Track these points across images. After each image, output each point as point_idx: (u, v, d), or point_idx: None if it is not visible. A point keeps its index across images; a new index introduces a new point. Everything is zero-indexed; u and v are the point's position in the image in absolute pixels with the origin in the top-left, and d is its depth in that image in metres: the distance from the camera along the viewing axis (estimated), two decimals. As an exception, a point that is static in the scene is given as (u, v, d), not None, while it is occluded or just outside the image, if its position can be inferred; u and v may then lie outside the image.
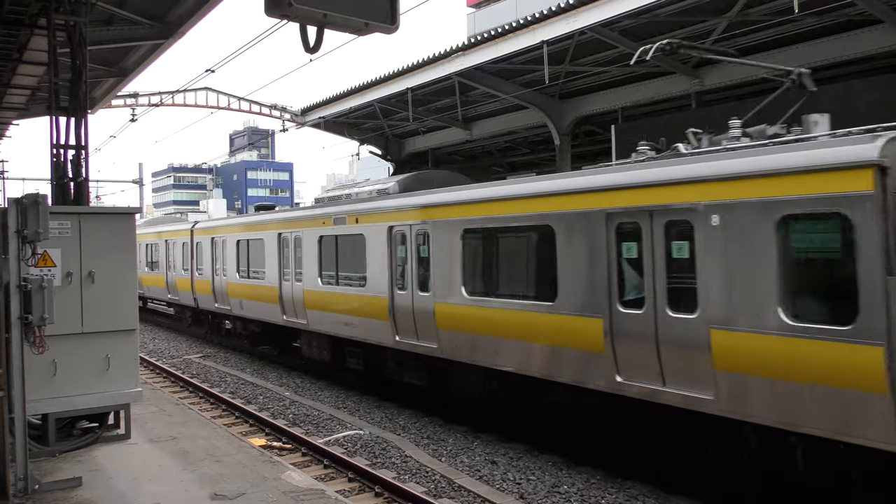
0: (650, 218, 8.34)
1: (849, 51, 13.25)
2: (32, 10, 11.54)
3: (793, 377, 6.88)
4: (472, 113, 21.80)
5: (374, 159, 29.29)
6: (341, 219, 14.71)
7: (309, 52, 4.39)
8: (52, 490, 7.47)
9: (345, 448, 11.07)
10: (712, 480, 8.41)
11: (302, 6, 4.06)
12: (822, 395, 6.69)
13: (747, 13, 13.01)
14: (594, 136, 21.11)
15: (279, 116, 26.72)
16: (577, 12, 13.91)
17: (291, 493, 7.58)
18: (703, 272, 7.75)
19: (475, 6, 37.97)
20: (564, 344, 9.46)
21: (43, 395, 8.39)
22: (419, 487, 9.18)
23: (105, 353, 8.98)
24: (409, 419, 12.74)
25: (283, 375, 17.35)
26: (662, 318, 8.14)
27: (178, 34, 13.09)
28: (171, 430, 10.25)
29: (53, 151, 10.78)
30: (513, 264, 10.71)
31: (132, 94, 25.05)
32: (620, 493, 8.93)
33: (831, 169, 6.62)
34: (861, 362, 6.36)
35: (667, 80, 16.38)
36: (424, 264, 12.16)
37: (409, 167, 27.07)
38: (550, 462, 10.11)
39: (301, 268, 16.29)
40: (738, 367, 7.34)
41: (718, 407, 7.58)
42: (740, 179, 7.39)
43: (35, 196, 7.35)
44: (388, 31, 4.53)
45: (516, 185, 10.84)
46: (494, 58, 16.27)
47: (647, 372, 8.30)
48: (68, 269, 8.83)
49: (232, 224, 21.07)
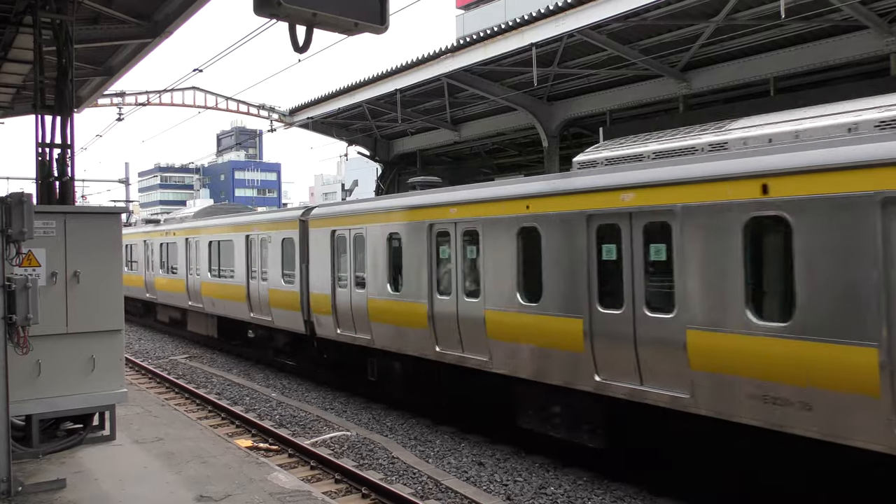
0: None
1: (835, 56, 13.37)
2: (18, 7, 11.45)
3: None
4: (461, 114, 21.81)
5: (363, 160, 29.25)
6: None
7: (298, 52, 4.38)
8: (35, 492, 7.39)
9: (332, 449, 11.04)
10: (699, 482, 8.45)
11: (291, 5, 4.04)
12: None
13: (734, 17, 13.09)
14: (582, 138, 21.16)
15: (267, 116, 26.64)
16: (565, 15, 13.94)
17: (278, 495, 7.54)
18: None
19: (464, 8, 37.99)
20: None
21: (27, 395, 8.33)
22: (406, 489, 9.16)
23: (90, 354, 8.94)
24: (396, 420, 12.73)
25: (270, 377, 17.28)
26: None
27: (166, 33, 13.00)
28: (156, 432, 10.18)
29: (39, 150, 10.70)
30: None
31: (119, 93, 24.91)
32: (607, 494, 8.95)
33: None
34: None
35: (655, 83, 16.46)
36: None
37: (398, 168, 27.08)
38: (538, 463, 10.13)
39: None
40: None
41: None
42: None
43: (20, 195, 7.28)
44: (378, 31, 4.53)
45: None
46: (483, 60, 16.29)
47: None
48: (53, 268, 8.78)
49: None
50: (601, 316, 8.86)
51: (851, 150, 6.65)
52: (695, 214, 7.82)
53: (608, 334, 8.77)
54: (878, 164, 6.37)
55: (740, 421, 7.47)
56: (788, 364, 6.98)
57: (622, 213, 8.62)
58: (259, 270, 17.81)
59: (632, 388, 8.52)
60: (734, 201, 7.43)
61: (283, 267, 16.62)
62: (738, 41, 14.18)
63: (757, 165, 7.31)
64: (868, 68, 13.54)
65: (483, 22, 27.96)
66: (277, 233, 16.88)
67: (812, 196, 6.79)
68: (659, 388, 8.20)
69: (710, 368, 7.64)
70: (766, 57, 14.32)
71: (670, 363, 8.00)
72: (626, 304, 8.54)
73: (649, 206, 8.28)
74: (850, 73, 13.95)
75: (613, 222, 8.76)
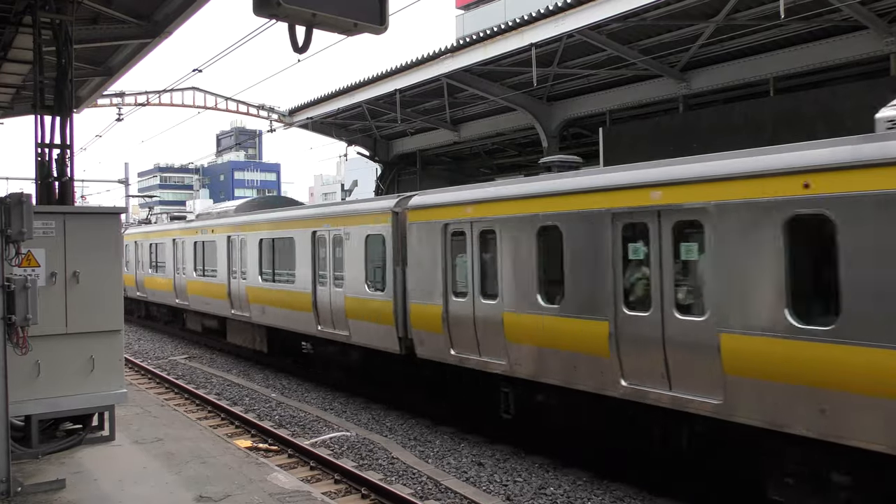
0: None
1: (834, 56, 13.38)
2: (18, 7, 11.44)
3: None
4: (461, 115, 21.82)
5: (362, 160, 29.26)
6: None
7: (297, 52, 4.37)
8: (35, 493, 7.38)
9: (331, 450, 11.04)
10: (699, 482, 8.44)
11: (291, 6, 4.04)
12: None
13: (734, 17, 13.10)
14: (582, 138, 21.19)
15: (266, 117, 26.64)
16: (564, 15, 13.96)
17: (277, 495, 7.54)
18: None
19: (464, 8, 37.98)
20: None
21: (26, 396, 8.33)
22: (406, 489, 9.16)
23: (89, 354, 8.93)
24: (395, 421, 12.72)
25: (270, 377, 17.27)
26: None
27: (165, 33, 13.00)
28: (156, 432, 10.17)
29: (38, 151, 10.69)
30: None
31: (118, 93, 24.90)
32: (607, 494, 8.95)
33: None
34: None
35: (654, 83, 16.47)
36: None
37: (397, 168, 27.11)
38: (537, 464, 10.12)
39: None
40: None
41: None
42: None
43: (19, 195, 7.28)
44: (377, 31, 4.52)
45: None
46: (483, 60, 16.30)
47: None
48: (52, 269, 8.78)
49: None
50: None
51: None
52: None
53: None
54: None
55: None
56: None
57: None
58: (329, 274, 14.79)
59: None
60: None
61: (368, 270, 13.61)
62: (738, 41, 14.20)
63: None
64: (868, 68, 13.55)
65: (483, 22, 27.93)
66: (359, 228, 13.75)
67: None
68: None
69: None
70: (766, 57, 14.34)
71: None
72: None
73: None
74: (850, 74, 13.97)
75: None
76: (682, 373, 7.96)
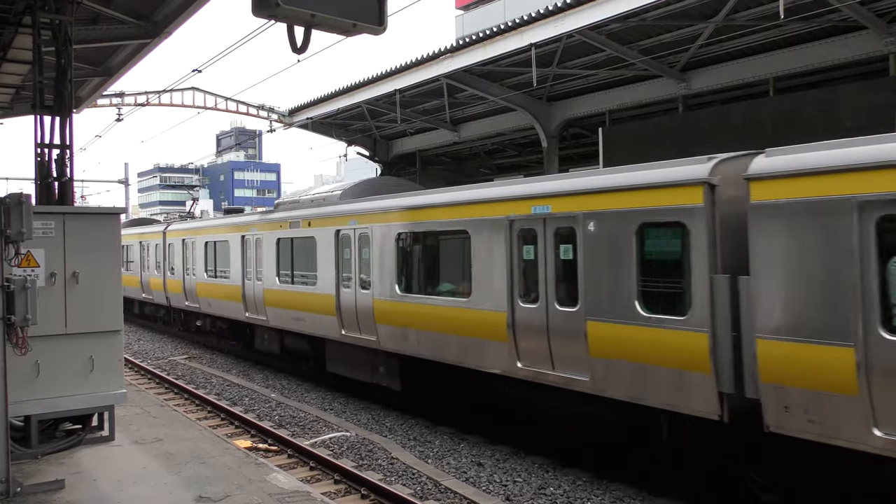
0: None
1: (833, 56, 13.38)
2: (17, 8, 11.45)
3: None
4: (460, 115, 21.81)
5: (362, 160, 29.26)
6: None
7: (296, 53, 4.38)
8: (34, 493, 7.39)
9: (331, 450, 11.04)
10: (698, 482, 8.44)
11: (289, 6, 4.05)
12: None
13: (733, 18, 13.10)
14: (581, 138, 21.19)
15: (266, 117, 26.65)
16: (564, 15, 13.95)
17: (277, 496, 7.54)
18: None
19: (464, 8, 38.00)
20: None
21: (25, 396, 8.33)
22: (405, 489, 9.16)
23: (89, 354, 8.94)
24: (395, 421, 12.72)
25: (269, 377, 17.27)
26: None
27: (165, 34, 13.01)
28: (155, 432, 10.17)
29: (38, 151, 10.70)
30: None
31: (118, 93, 24.91)
32: (606, 494, 8.95)
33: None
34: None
35: (654, 83, 16.46)
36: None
37: (397, 168, 27.10)
38: (537, 464, 10.13)
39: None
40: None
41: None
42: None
43: (18, 196, 7.29)
44: (376, 32, 4.53)
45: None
46: (482, 60, 16.29)
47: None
48: (52, 269, 8.78)
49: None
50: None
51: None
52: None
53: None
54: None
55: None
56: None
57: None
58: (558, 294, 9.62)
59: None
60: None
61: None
62: (738, 41, 14.18)
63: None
64: (867, 68, 13.54)
65: (482, 22, 27.96)
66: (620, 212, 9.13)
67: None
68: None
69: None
70: (766, 57, 14.33)
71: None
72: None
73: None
74: (850, 74, 13.97)
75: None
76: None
